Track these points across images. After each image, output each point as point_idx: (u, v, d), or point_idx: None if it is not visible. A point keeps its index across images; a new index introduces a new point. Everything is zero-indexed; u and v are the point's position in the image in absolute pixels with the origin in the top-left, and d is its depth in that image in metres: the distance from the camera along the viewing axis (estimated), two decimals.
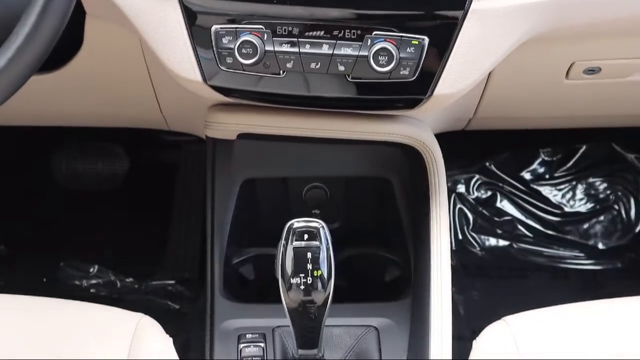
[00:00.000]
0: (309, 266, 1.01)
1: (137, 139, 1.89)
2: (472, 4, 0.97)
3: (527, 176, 2.01)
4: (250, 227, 1.38)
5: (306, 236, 1.01)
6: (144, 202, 1.96)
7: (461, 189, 1.99)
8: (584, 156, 2.00)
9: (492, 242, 1.94)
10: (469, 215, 1.96)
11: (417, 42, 0.98)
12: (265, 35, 0.99)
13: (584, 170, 2.00)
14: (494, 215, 1.97)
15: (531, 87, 1.28)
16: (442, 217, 1.22)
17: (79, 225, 1.91)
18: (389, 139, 1.19)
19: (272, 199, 1.39)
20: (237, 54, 0.99)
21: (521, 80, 1.24)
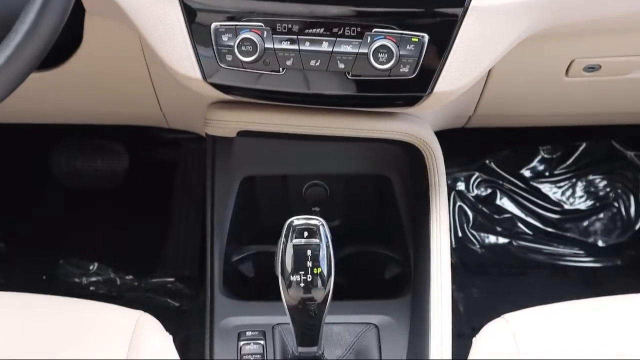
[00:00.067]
0: (309, 264, 1.01)
1: (136, 136, 1.89)
2: (472, 2, 0.97)
3: (527, 174, 2.01)
4: (250, 224, 1.38)
5: (306, 234, 1.01)
6: (144, 199, 1.95)
7: (461, 186, 1.99)
8: (584, 154, 2.00)
9: (492, 239, 1.93)
10: (469, 212, 1.96)
11: (417, 39, 0.98)
12: (265, 32, 0.99)
13: (584, 167, 2.00)
14: (494, 212, 1.97)
15: (531, 84, 1.27)
16: (442, 214, 1.22)
17: (78, 222, 1.91)
18: (389, 137, 1.19)
19: (272, 196, 1.38)
20: (236, 52, 0.99)
21: (521, 77, 1.24)
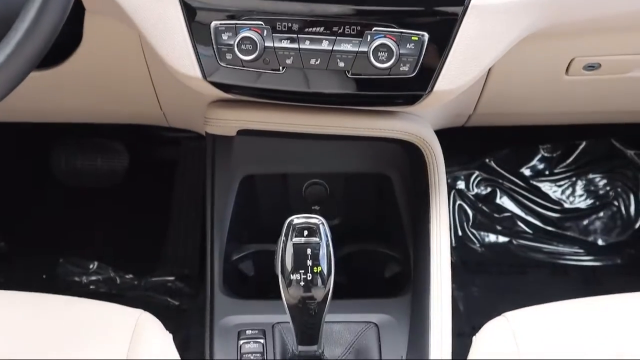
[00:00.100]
0: (309, 262, 1.01)
1: (136, 135, 1.89)
2: (472, 0, 0.97)
3: (527, 172, 2.01)
4: (250, 223, 1.38)
5: (306, 232, 1.01)
6: (144, 198, 1.95)
7: (461, 185, 1.99)
8: (584, 152, 2.00)
9: (492, 238, 1.94)
10: (469, 211, 1.96)
11: (417, 38, 0.98)
12: (264, 31, 0.99)
13: (584, 166, 2.00)
14: (494, 211, 1.97)
15: (531, 83, 1.27)
16: (442, 213, 1.22)
17: (78, 221, 1.91)
18: (389, 135, 1.19)
19: (271, 195, 1.38)
20: (236, 50, 0.99)
21: (521, 76, 1.24)
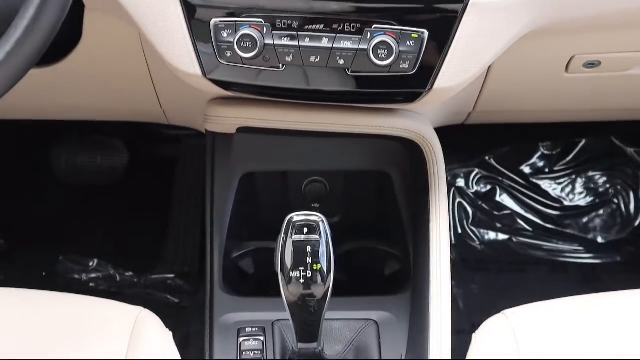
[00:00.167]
0: (309, 260, 1.01)
1: (136, 133, 1.89)
2: None
3: (527, 170, 2.01)
4: (249, 220, 1.38)
5: (306, 230, 1.01)
6: (144, 196, 1.95)
7: (461, 183, 1.99)
8: (584, 150, 2.00)
9: (492, 236, 1.94)
10: (469, 209, 1.96)
11: (416, 35, 0.98)
12: (264, 28, 0.99)
13: (584, 164, 2.00)
14: (494, 209, 1.97)
15: (531, 80, 1.27)
16: (442, 211, 1.22)
17: (78, 219, 1.91)
18: (389, 133, 1.19)
19: (271, 192, 1.38)
20: (236, 48, 0.99)
21: (521, 74, 1.24)
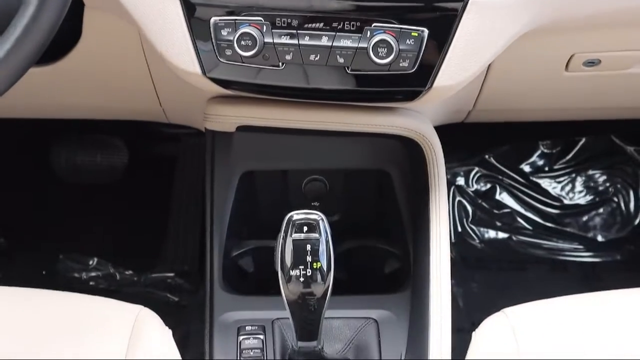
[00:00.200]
0: (309, 258, 1.01)
1: (136, 131, 1.89)
2: None
3: (527, 169, 2.01)
4: (249, 219, 1.38)
5: (305, 228, 1.01)
6: (143, 194, 1.95)
7: (460, 181, 1.99)
8: (584, 149, 2.00)
9: (492, 234, 1.94)
10: (468, 207, 1.96)
11: (416, 33, 0.98)
12: (264, 27, 0.99)
13: (584, 162, 2.00)
14: (493, 207, 1.97)
15: (531, 79, 1.27)
16: (442, 209, 1.22)
17: (78, 218, 1.91)
18: (389, 131, 1.19)
19: (271, 191, 1.38)
20: (236, 46, 0.99)
21: (521, 72, 1.24)
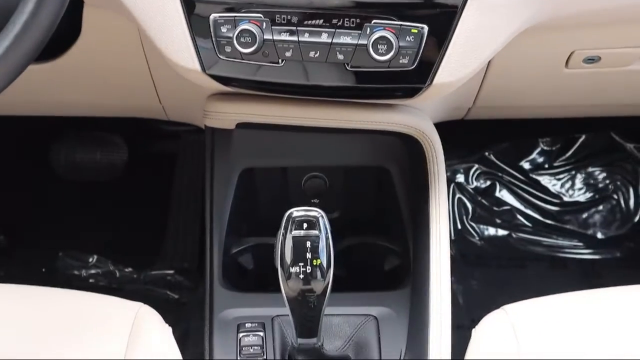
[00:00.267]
0: (308, 255, 1.01)
1: (135, 128, 1.89)
2: None
3: (527, 166, 2.01)
4: (249, 216, 1.38)
5: (305, 225, 1.01)
6: (143, 192, 1.95)
7: (460, 178, 1.99)
8: (583, 146, 2.00)
9: (491, 231, 1.94)
10: (468, 204, 1.96)
11: (416, 30, 0.98)
12: (264, 23, 0.98)
13: (583, 159, 2.00)
14: (493, 204, 1.97)
15: (530, 76, 1.27)
16: (442, 206, 1.22)
17: (77, 215, 1.91)
18: (388, 128, 1.19)
19: (271, 188, 1.38)
20: (235, 43, 0.99)
21: (520, 69, 1.24)
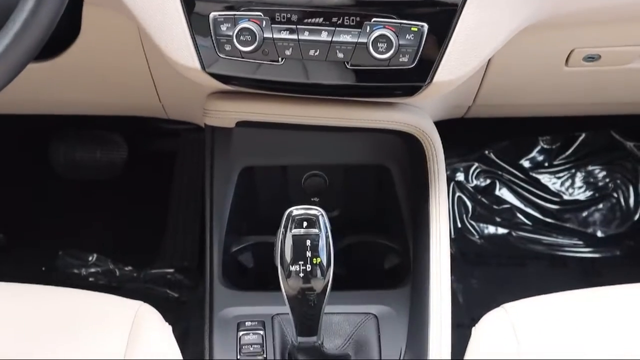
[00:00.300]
0: (308, 254, 1.01)
1: (135, 127, 1.88)
2: None
3: (526, 164, 2.01)
4: (249, 215, 1.38)
5: (305, 224, 1.01)
6: (143, 190, 1.95)
7: (460, 177, 1.99)
8: (583, 144, 2.00)
9: (491, 230, 1.94)
10: (468, 203, 1.96)
11: (416, 28, 0.98)
12: (264, 22, 0.98)
13: (583, 158, 2.00)
14: (493, 203, 1.97)
15: (530, 74, 1.27)
16: (442, 205, 1.22)
17: (77, 214, 1.91)
18: (388, 127, 1.19)
19: (271, 186, 1.38)
20: (235, 41, 0.99)
21: (520, 67, 1.24)
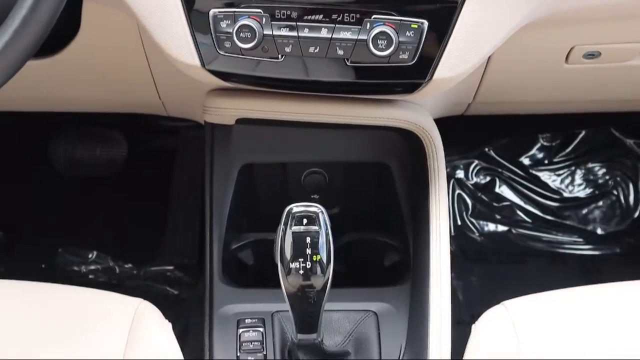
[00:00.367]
0: (308, 251, 1.01)
1: (135, 124, 1.88)
2: None
3: (526, 161, 2.01)
4: (249, 212, 1.38)
5: (305, 221, 1.01)
6: (143, 187, 1.95)
7: (460, 174, 1.99)
8: (583, 141, 2.00)
9: (491, 227, 1.94)
10: (468, 200, 1.96)
11: (416, 25, 0.98)
12: (263, 19, 0.98)
13: (583, 155, 2.00)
14: (493, 200, 1.97)
15: (531, 71, 1.27)
16: (442, 202, 1.22)
17: (77, 211, 1.91)
18: (388, 124, 1.19)
19: (270, 184, 1.38)
20: (235, 38, 0.99)
21: (521, 64, 1.23)
